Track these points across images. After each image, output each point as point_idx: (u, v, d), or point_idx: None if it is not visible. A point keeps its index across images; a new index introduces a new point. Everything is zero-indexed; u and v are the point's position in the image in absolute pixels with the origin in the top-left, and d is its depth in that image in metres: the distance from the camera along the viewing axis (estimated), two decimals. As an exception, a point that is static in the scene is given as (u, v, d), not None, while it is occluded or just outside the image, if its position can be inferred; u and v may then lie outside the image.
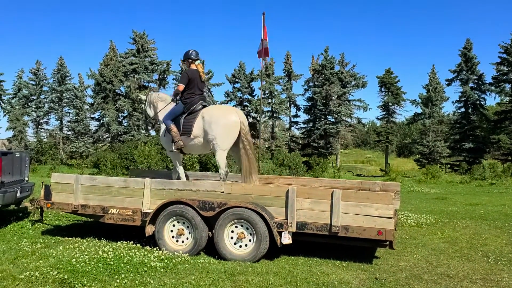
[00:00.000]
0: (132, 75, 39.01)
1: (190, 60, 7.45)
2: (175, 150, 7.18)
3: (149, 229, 6.25)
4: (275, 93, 40.21)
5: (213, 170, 21.64)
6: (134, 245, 6.40)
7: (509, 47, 36.48)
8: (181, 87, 7.26)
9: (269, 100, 40.28)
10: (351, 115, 41.33)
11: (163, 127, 7.49)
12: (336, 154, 41.82)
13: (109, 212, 6.61)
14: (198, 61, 7.55)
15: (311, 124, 41.16)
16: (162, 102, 7.83)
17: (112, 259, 5.43)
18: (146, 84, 39.78)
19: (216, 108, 7.65)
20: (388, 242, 5.70)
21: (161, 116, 7.62)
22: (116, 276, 4.89)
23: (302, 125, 42.90)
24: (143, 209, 6.42)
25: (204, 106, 7.34)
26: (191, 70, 7.41)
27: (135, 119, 37.68)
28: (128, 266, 5.25)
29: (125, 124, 39.01)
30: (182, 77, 7.38)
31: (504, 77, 37.05)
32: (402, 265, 6.00)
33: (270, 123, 41.35)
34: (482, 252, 6.89)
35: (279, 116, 41.53)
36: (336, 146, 40.81)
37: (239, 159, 7.30)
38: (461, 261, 6.31)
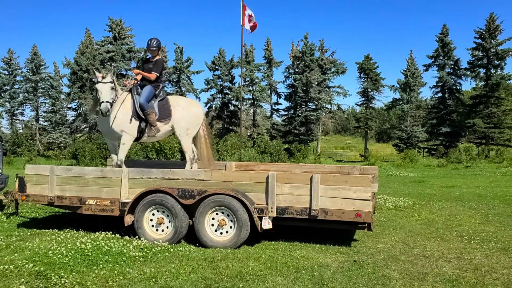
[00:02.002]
0: (109, 63, 38.36)
1: (160, 49, 7.73)
2: (149, 136, 7.40)
3: (128, 219, 6.19)
4: (256, 80, 40.09)
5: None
6: (113, 235, 6.35)
7: (483, 32, 37.05)
8: (155, 76, 7.45)
9: (250, 88, 40.14)
10: (331, 101, 41.51)
11: (115, 112, 7.15)
12: (317, 140, 42.07)
13: (86, 203, 6.52)
14: None
15: (292, 111, 41.22)
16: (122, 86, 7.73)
17: (90, 250, 5.37)
18: (124, 73, 39.17)
19: (180, 98, 8.19)
20: (366, 224, 5.77)
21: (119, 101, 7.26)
22: (95, 267, 4.84)
23: (283, 113, 42.95)
24: (122, 199, 6.35)
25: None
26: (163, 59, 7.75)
27: (114, 108, 37.14)
28: (107, 257, 5.20)
29: (103, 114, 38.40)
30: (160, 66, 7.56)
31: (479, 62, 37.70)
32: (380, 247, 6.11)
33: (251, 110, 41.30)
34: (457, 232, 7.06)
35: (260, 103, 41.46)
36: (316, 133, 41.03)
37: (197, 147, 7.84)
38: (437, 241, 6.46)
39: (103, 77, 6.97)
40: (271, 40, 41.70)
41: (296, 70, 40.64)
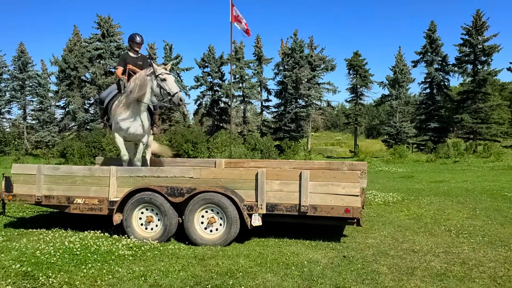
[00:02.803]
0: (97, 60, 38.04)
1: None
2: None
3: (117, 218, 6.15)
4: (246, 77, 40.06)
5: (185, 156, 21.49)
6: (102, 234, 6.31)
7: (470, 29, 37.39)
8: None
9: (240, 85, 40.10)
10: (321, 98, 41.71)
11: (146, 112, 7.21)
12: (307, 137, 42.23)
13: (74, 202, 6.47)
14: None
15: (282, 108, 41.28)
16: None
17: (79, 249, 5.32)
18: (113, 70, 38.87)
19: None
20: (355, 220, 5.79)
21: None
22: (83, 266, 4.80)
23: (274, 109, 43.01)
24: (110, 197, 6.31)
25: None
26: None
27: (102, 106, 36.86)
28: (96, 256, 5.16)
29: (91, 112, 38.15)
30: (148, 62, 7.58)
31: (466, 58, 38.05)
32: (370, 242, 6.14)
33: (242, 107, 41.28)
34: (445, 226, 7.13)
35: (250, 100, 41.47)
36: (307, 129, 41.18)
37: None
38: (425, 236, 6.51)
39: (165, 69, 6.92)
40: (261, 37, 41.74)
41: (285, 67, 40.70)
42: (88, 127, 36.62)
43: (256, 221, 5.84)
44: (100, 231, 6.43)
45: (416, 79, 44.26)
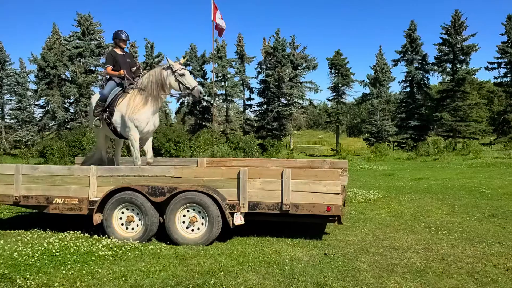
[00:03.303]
0: (77, 59, 37.50)
1: None
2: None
3: (97, 218, 6.07)
4: (228, 76, 40.00)
5: (167, 155, 21.36)
6: (82, 234, 6.23)
7: (449, 28, 38.01)
8: None
9: (222, 83, 40.01)
10: (303, 97, 41.88)
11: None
12: (289, 135, 42.37)
13: (53, 202, 6.36)
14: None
15: (265, 106, 41.35)
16: None
17: (58, 250, 5.24)
18: (93, 69, 38.40)
19: None
20: (336, 218, 5.83)
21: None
22: (62, 268, 4.73)
23: (256, 108, 43.05)
24: (90, 197, 6.23)
25: None
26: None
27: (82, 105, 36.35)
28: (75, 257, 5.09)
29: (72, 111, 37.61)
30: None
31: (446, 57, 38.69)
32: (351, 239, 6.20)
33: (224, 106, 41.20)
34: (425, 223, 7.24)
35: (233, 99, 41.41)
36: (289, 128, 41.31)
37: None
38: (406, 233, 6.60)
39: (181, 64, 6.95)
40: (243, 36, 41.68)
41: (268, 65, 40.77)
42: (68, 126, 36.09)
43: (238, 220, 5.83)
44: (80, 231, 6.35)
45: (396, 78, 44.94)
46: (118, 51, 7.54)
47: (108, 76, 7.55)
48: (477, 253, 5.48)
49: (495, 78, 41.43)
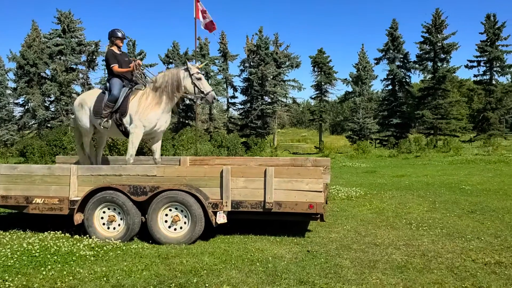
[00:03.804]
0: (58, 57, 36.91)
1: None
2: None
3: (78, 217, 6.01)
4: (211, 74, 39.84)
5: (149, 154, 21.17)
6: (63, 234, 6.16)
7: (430, 27, 38.52)
8: None
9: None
10: (287, 95, 41.99)
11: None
12: (273, 133, 42.44)
13: (33, 202, 6.27)
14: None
15: (248, 104, 41.32)
16: None
17: (38, 251, 5.17)
18: (74, 67, 37.87)
19: None
20: (319, 215, 5.88)
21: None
22: (42, 268, 4.66)
23: (240, 106, 42.98)
24: (71, 197, 6.15)
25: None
26: None
27: (63, 103, 35.83)
28: (56, 257, 5.02)
29: (52, 109, 37.04)
30: None
31: (427, 56, 39.19)
32: (333, 236, 6.25)
33: (208, 104, 40.99)
34: (406, 220, 7.33)
35: (216, 97, 41.23)
36: (273, 126, 41.37)
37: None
38: (387, 229, 6.68)
39: (198, 68, 7.03)
40: (226, 33, 41.56)
41: (251, 63, 40.74)
42: (49, 125, 35.53)
43: (221, 218, 5.83)
44: (60, 231, 6.28)
45: (378, 76, 45.45)
46: (115, 49, 7.44)
47: (105, 76, 7.47)
48: (457, 249, 5.58)
49: (475, 76, 42.12)
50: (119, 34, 7.42)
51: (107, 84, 7.28)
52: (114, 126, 7.09)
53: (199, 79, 6.92)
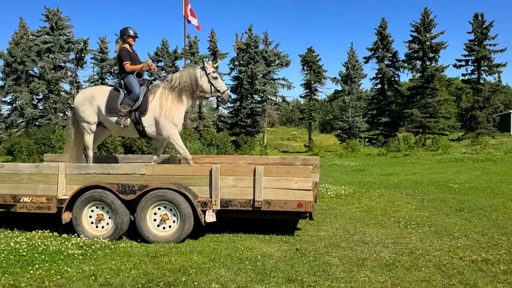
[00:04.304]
0: (46, 54, 36.49)
1: None
2: None
3: (66, 216, 5.96)
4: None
5: (138, 152, 21.08)
6: (51, 233, 6.10)
7: (419, 26, 38.80)
8: None
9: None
10: (276, 93, 42.00)
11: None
12: (263, 132, 42.45)
13: (21, 200, 6.21)
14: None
15: (238, 103, 41.25)
16: None
17: (26, 250, 5.13)
18: (62, 64, 37.49)
19: None
20: (308, 214, 5.90)
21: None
22: (30, 267, 4.62)
23: (229, 105, 42.83)
24: (59, 195, 6.10)
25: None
26: None
27: (52, 101, 35.46)
28: (43, 256, 4.98)
29: (40, 107, 36.62)
30: None
31: (415, 55, 39.48)
32: (322, 234, 6.27)
33: (197, 102, 40.87)
34: (394, 218, 7.39)
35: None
36: (263, 125, 41.37)
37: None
38: (376, 227, 6.72)
39: (214, 67, 7.11)
40: (215, 32, 41.46)
41: (241, 62, 40.68)
42: (37, 123, 35.12)
43: (210, 217, 5.83)
44: (48, 230, 6.22)
45: (367, 75, 45.58)
46: (128, 48, 7.40)
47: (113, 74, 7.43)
48: (445, 246, 5.64)
49: (463, 75, 42.57)
50: (132, 33, 7.38)
51: (121, 82, 7.22)
52: (132, 124, 7.05)
53: (215, 78, 7.01)
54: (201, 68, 7.02)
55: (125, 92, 7.08)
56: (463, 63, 41.26)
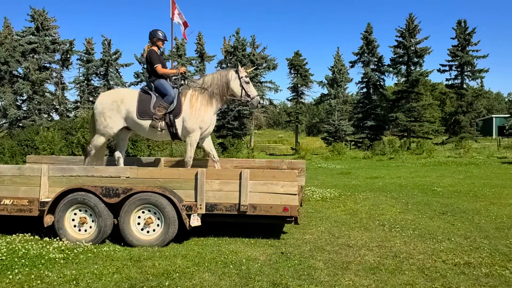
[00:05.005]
0: (31, 55, 36.01)
1: None
2: None
3: (48, 219, 5.86)
4: (188, 74, 39.52)
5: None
6: (32, 237, 5.99)
7: (404, 31, 39.24)
8: None
9: (182, 81, 39.49)
10: (263, 96, 42.05)
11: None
12: (250, 134, 42.42)
13: (1, 203, 6.08)
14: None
15: (225, 105, 41.16)
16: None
17: (5, 254, 5.01)
18: (48, 65, 37.03)
19: None
20: (293, 218, 5.89)
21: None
22: (9, 272, 4.52)
23: (216, 107, 42.71)
24: (41, 198, 6.00)
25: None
26: None
27: (36, 102, 34.98)
28: (24, 260, 4.88)
29: (24, 108, 36.09)
30: None
31: (400, 60, 39.93)
32: (307, 238, 6.27)
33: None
34: (379, 221, 7.43)
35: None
36: (250, 127, 41.36)
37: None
38: (360, 231, 6.75)
39: (247, 73, 7.18)
40: (203, 34, 41.39)
41: (228, 64, 40.66)
42: (20, 124, 34.60)
43: (195, 221, 5.78)
44: (29, 234, 6.11)
45: (353, 79, 46.17)
46: (156, 50, 7.37)
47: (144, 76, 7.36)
48: (428, 250, 5.68)
49: (447, 80, 43.24)
50: (161, 36, 7.37)
51: (152, 85, 7.16)
52: (166, 127, 7.02)
53: (247, 82, 7.09)
54: (235, 71, 7.09)
55: (157, 95, 7.05)
56: (447, 68, 41.89)
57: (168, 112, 6.94)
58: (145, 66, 39.19)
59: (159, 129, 6.89)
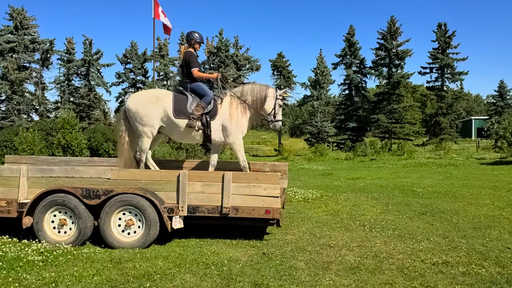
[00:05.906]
0: (9, 54, 35.34)
1: None
2: None
3: (27, 221, 5.77)
4: (171, 75, 39.36)
5: (105, 155, 20.67)
6: (10, 239, 5.89)
7: (385, 34, 39.73)
8: None
9: (165, 82, 39.34)
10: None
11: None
12: (232, 136, 42.38)
13: (-22, 205, 5.97)
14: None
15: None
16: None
17: (-18, 257, 4.93)
18: (27, 65, 36.40)
19: None
20: (275, 221, 5.91)
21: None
22: (-14, 275, 4.45)
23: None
24: (20, 199, 5.91)
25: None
26: None
27: (15, 102, 34.34)
28: (1, 263, 4.80)
29: (3, 109, 35.40)
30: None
31: (382, 62, 40.42)
32: (289, 238, 6.31)
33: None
34: (360, 221, 7.51)
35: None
36: (232, 128, 41.32)
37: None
38: (341, 231, 6.82)
39: (284, 95, 7.44)
40: (185, 35, 41.21)
41: (211, 65, 40.58)
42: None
43: (177, 223, 5.76)
44: (7, 236, 6.01)
45: (336, 81, 46.50)
46: (193, 52, 7.33)
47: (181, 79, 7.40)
48: (407, 249, 5.76)
49: (428, 82, 43.93)
50: (198, 39, 7.38)
51: (187, 85, 7.15)
52: (202, 127, 7.05)
53: (280, 106, 7.32)
54: (275, 90, 7.26)
55: (193, 95, 7.06)
56: (428, 70, 42.56)
57: (205, 113, 6.98)
58: (126, 66, 38.61)
59: (196, 129, 6.91)
